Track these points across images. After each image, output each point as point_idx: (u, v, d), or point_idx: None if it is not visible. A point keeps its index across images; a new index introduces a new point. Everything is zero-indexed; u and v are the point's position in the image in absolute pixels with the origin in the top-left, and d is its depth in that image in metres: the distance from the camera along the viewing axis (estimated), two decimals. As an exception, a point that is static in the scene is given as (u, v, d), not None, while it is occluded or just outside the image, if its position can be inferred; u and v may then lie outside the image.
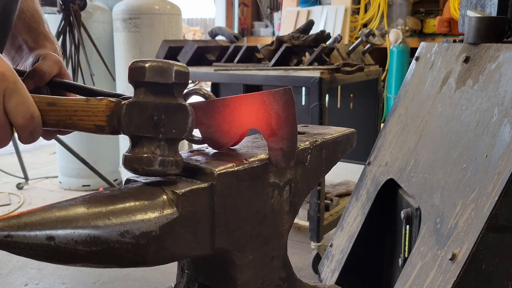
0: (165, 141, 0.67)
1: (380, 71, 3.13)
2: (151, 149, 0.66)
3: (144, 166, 0.66)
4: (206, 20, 14.43)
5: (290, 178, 0.78)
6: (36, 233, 0.57)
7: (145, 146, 0.67)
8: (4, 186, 4.28)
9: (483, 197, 1.21)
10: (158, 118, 0.66)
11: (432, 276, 1.28)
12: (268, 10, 8.32)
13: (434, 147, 1.57)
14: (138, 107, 0.66)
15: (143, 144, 0.67)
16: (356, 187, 2.08)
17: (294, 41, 2.70)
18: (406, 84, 2.00)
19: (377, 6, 6.54)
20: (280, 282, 0.80)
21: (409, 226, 1.63)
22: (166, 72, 0.66)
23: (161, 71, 0.66)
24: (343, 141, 0.90)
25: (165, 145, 0.67)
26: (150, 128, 0.66)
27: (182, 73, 0.67)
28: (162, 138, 0.66)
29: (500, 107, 1.29)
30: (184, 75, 0.68)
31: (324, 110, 2.45)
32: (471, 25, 1.56)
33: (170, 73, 0.66)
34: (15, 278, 2.73)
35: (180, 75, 0.67)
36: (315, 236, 2.66)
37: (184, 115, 0.67)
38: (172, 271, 0.81)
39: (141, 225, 0.62)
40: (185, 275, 0.78)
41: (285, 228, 0.79)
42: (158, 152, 0.66)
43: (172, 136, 0.67)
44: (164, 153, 0.66)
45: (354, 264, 1.97)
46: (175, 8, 3.98)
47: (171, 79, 0.66)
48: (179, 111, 0.67)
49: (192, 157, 0.74)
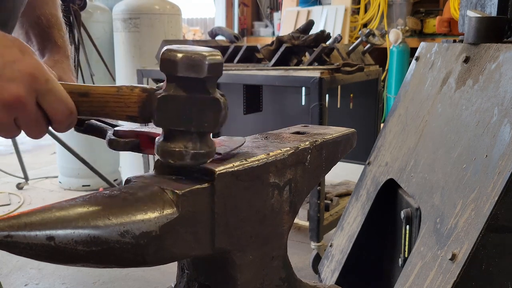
0: (197, 134, 0.66)
1: (380, 71, 3.14)
2: (183, 142, 0.66)
3: (176, 160, 0.66)
4: (206, 20, 14.43)
5: (290, 178, 0.78)
6: (36, 233, 0.57)
7: (177, 139, 0.66)
8: (4, 186, 4.28)
9: (483, 197, 1.21)
10: (190, 112, 0.65)
11: (432, 276, 1.28)
12: (268, 10, 8.32)
13: (434, 147, 1.57)
14: (171, 101, 0.65)
15: (175, 137, 0.66)
16: (356, 187, 2.08)
17: (294, 41, 2.70)
18: (406, 84, 2.00)
19: (377, 6, 6.54)
20: (280, 282, 0.80)
21: (409, 226, 1.63)
22: (198, 67, 0.63)
23: (193, 66, 0.63)
24: (343, 141, 0.90)
25: (197, 137, 0.66)
26: (181, 121, 0.65)
27: (215, 66, 0.64)
28: (193, 131, 0.66)
29: (500, 107, 1.29)
30: (218, 67, 0.65)
31: (324, 110, 2.45)
32: (471, 25, 1.56)
33: (203, 67, 0.63)
34: (15, 278, 2.73)
35: (213, 68, 0.64)
36: (315, 236, 2.66)
37: (217, 109, 0.66)
38: (172, 271, 0.81)
39: (141, 225, 0.62)
40: (185, 275, 0.78)
41: (285, 228, 0.79)
42: (190, 146, 0.66)
43: (204, 130, 0.66)
44: (196, 146, 0.66)
45: (354, 264, 1.97)
46: (175, 8, 3.98)
47: (203, 73, 0.64)
48: (211, 105, 0.66)
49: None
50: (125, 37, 3.83)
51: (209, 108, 0.66)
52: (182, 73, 0.64)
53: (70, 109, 0.70)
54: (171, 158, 0.66)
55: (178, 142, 0.66)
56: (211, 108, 0.66)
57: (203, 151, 0.67)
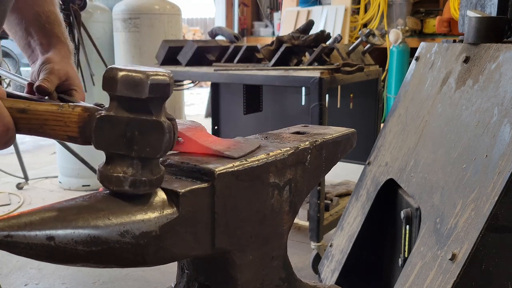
0: (139, 159, 0.62)
1: (380, 71, 3.13)
2: (123, 168, 0.62)
3: (114, 186, 0.62)
4: (206, 20, 14.44)
5: (290, 178, 0.78)
6: (36, 233, 0.57)
7: (117, 164, 0.62)
8: (4, 186, 4.28)
9: (483, 197, 1.21)
10: (131, 135, 0.61)
11: (432, 276, 1.28)
12: (268, 10, 8.31)
13: (434, 147, 1.57)
14: (110, 122, 0.61)
15: (115, 161, 0.62)
16: (356, 187, 2.08)
17: (294, 41, 2.70)
18: (406, 84, 2.00)
19: (377, 6, 6.54)
20: (280, 282, 0.80)
21: (409, 226, 1.63)
22: (139, 87, 0.59)
23: (134, 85, 0.59)
24: (343, 141, 0.90)
25: (139, 163, 0.62)
26: (122, 145, 0.61)
27: (159, 86, 0.60)
28: (135, 156, 0.61)
29: (500, 107, 1.29)
30: (162, 88, 0.61)
31: (324, 110, 2.45)
32: (471, 25, 1.56)
33: (143, 87, 0.59)
34: (15, 278, 2.73)
35: (157, 89, 0.60)
36: (315, 236, 2.66)
37: (160, 133, 0.61)
38: (172, 271, 0.81)
39: (141, 225, 0.62)
40: (185, 275, 0.78)
41: (285, 228, 0.79)
42: (130, 171, 0.62)
43: (146, 155, 0.62)
44: (137, 172, 0.62)
45: (354, 264, 1.97)
46: (175, 8, 3.98)
47: (144, 94, 0.59)
48: (154, 129, 0.61)
49: (192, 157, 0.74)
50: (125, 37, 3.83)
51: (151, 131, 0.61)
52: (122, 92, 0.60)
53: (6, 124, 0.67)
54: (109, 184, 0.62)
55: (117, 166, 0.62)
56: (153, 131, 0.61)
57: (144, 179, 0.62)
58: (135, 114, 0.61)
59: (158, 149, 0.62)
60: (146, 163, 0.62)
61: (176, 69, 2.98)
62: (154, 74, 0.60)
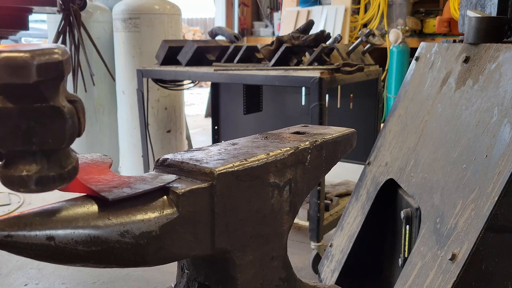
0: (42, 153, 0.54)
1: (380, 71, 3.14)
2: (25, 165, 0.54)
3: (18, 188, 0.54)
4: (206, 20, 14.44)
5: (290, 178, 0.78)
6: (36, 233, 0.57)
7: (17, 162, 0.54)
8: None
9: (483, 197, 1.21)
10: (27, 127, 0.52)
11: (432, 276, 1.28)
12: (268, 10, 8.32)
13: (434, 147, 1.57)
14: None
15: (15, 160, 0.54)
16: (356, 187, 2.08)
17: (294, 41, 2.70)
18: (406, 84, 2.00)
19: (377, 6, 6.55)
20: (280, 282, 0.80)
21: (409, 226, 1.63)
22: (24, 70, 0.50)
23: (17, 69, 0.50)
24: (343, 141, 0.90)
25: (43, 158, 0.55)
26: (19, 140, 0.53)
27: (50, 66, 0.52)
28: (37, 150, 0.54)
29: (500, 107, 1.29)
30: (54, 68, 0.52)
31: (324, 110, 2.45)
32: (471, 25, 1.56)
33: (29, 70, 0.50)
34: (15, 278, 2.73)
35: (47, 70, 0.51)
36: (315, 236, 2.66)
37: (60, 120, 0.54)
38: (172, 271, 0.81)
39: (141, 225, 0.62)
40: (185, 275, 0.78)
41: (285, 228, 0.79)
42: (34, 168, 0.54)
43: (49, 147, 0.54)
44: (43, 168, 0.55)
45: (354, 264, 1.97)
46: (175, 8, 3.98)
47: (32, 78, 0.51)
48: (52, 116, 0.53)
49: (192, 157, 0.74)
50: (125, 37, 3.83)
51: (50, 119, 0.53)
52: (5, 79, 0.50)
53: None
54: (12, 187, 0.54)
55: (19, 165, 0.54)
56: (52, 119, 0.53)
57: (52, 174, 0.55)
58: (27, 103, 0.52)
59: (62, 138, 0.55)
60: (51, 156, 0.55)
61: (176, 69, 2.99)
62: (41, 52, 0.51)
